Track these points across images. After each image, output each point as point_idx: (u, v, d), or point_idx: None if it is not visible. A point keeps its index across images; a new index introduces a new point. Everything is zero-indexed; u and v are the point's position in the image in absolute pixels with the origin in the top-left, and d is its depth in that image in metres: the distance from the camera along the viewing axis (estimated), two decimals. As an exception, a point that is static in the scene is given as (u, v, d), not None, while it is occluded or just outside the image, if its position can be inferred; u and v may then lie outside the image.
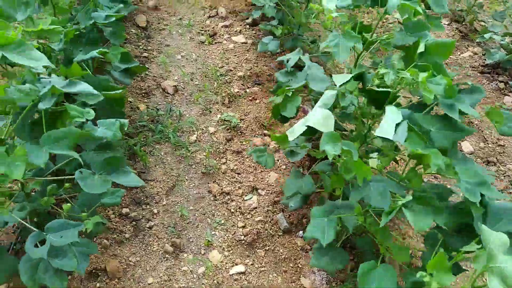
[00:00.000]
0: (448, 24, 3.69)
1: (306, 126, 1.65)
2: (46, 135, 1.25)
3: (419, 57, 1.71)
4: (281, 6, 2.99)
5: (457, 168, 1.46)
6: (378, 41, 1.98)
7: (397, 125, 1.51)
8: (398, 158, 1.99)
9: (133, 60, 2.33)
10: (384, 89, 1.67)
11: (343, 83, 1.75)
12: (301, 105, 2.10)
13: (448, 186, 1.69)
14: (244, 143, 2.49)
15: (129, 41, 3.32)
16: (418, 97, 1.79)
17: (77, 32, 1.96)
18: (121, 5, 2.24)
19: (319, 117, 1.65)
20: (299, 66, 2.79)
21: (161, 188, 2.22)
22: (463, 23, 3.67)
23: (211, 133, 2.57)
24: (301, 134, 1.70)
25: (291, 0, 2.85)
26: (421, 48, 1.70)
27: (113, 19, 2.07)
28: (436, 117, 1.64)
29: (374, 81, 1.78)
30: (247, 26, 3.55)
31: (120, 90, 1.81)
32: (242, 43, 3.32)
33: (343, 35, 1.85)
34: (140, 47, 3.29)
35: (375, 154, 1.79)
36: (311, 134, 1.94)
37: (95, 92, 1.44)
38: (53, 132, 1.25)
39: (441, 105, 1.61)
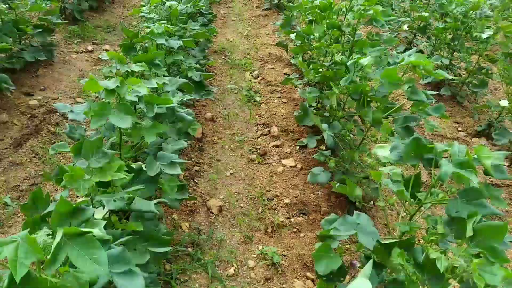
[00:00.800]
0: (508, 166, 3.52)
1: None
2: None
3: (470, 240, 1.56)
4: (335, 138, 3.01)
5: None
6: (432, 203, 1.88)
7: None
8: None
9: (187, 190, 2.35)
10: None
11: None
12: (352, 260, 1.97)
13: None
14: (283, 286, 2.34)
15: (183, 152, 3.45)
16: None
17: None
18: (185, 140, 2.33)
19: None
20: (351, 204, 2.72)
21: (190, 330, 2.07)
22: (526, 166, 3.49)
23: (250, 267, 2.45)
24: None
25: (346, 136, 2.85)
26: (469, 232, 1.56)
27: (178, 169, 2.09)
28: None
29: (427, 251, 1.65)
30: (298, 147, 3.60)
31: (167, 249, 1.77)
32: (291, 166, 3.33)
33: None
34: (193, 159, 3.40)
35: None
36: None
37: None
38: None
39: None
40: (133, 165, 2.10)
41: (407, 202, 1.92)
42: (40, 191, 1.81)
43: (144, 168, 2.09)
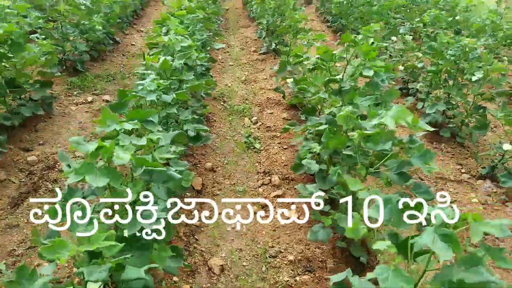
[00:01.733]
0: (516, 210, 3.44)
1: None
2: None
3: None
4: (328, 194, 2.94)
5: None
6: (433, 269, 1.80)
7: None
8: None
9: (183, 254, 2.27)
10: None
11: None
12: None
13: None
14: None
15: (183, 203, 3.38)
16: None
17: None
18: (177, 201, 2.25)
19: None
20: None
21: None
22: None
23: (255, 336, 2.33)
24: None
25: (339, 191, 2.80)
26: None
27: (162, 225, 2.03)
28: None
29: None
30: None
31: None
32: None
33: (393, 272, 1.66)
34: (193, 213, 3.32)
35: None
36: None
37: None
38: None
39: None
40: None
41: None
42: (25, 267, 1.74)
43: (138, 234, 2.02)
